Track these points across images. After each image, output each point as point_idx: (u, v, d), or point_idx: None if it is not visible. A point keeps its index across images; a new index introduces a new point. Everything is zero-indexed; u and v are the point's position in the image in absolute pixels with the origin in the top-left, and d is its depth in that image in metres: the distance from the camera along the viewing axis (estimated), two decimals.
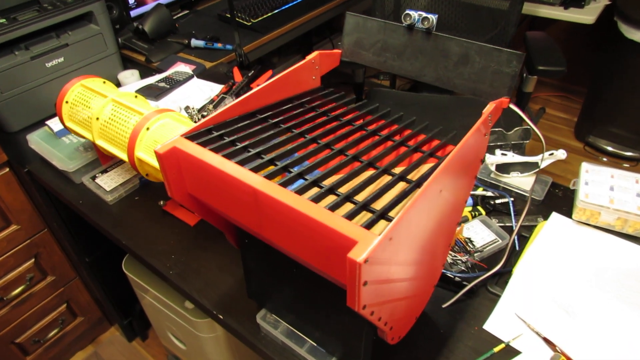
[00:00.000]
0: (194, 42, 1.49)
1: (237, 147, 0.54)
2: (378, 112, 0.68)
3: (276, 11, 1.67)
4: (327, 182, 0.50)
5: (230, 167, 0.48)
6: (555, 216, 0.88)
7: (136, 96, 0.89)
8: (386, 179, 0.54)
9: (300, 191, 0.48)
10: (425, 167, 0.63)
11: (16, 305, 1.28)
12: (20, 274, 1.25)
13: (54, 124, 1.09)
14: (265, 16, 1.63)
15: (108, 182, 0.99)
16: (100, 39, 1.30)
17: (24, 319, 1.31)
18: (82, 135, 0.91)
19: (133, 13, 1.59)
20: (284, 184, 0.47)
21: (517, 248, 0.84)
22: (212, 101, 1.22)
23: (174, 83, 1.30)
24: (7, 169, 1.14)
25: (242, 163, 0.50)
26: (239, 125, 0.59)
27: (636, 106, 2.09)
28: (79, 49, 1.26)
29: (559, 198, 0.94)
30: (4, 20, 1.14)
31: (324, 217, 0.42)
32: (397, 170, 0.54)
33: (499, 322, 0.73)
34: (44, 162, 1.09)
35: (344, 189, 0.49)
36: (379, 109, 0.70)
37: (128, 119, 0.81)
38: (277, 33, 1.59)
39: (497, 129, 1.00)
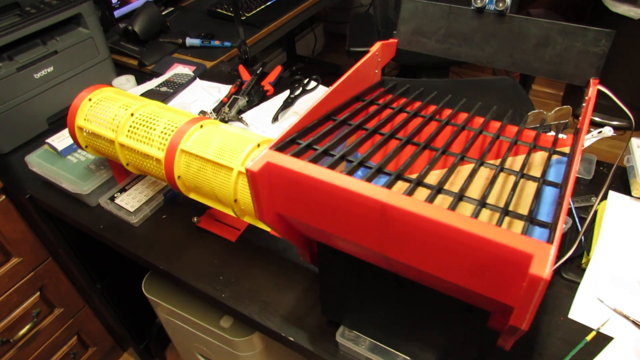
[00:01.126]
0: (189, 41, 1.39)
1: (335, 157, 0.47)
2: (443, 101, 0.62)
3: (269, 3, 1.58)
4: (452, 188, 0.44)
5: (346, 181, 0.41)
6: (613, 195, 0.85)
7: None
8: (508, 178, 0.49)
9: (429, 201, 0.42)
10: (519, 159, 0.58)
11: (23, 345, 1.16)
12: (25, 311, 1.14)
13: (57, 141, 0.98)
14: (259, 9, 1.55)
15: (130, 202, 0.90)
16: (91, 43, 1.19)
17: (32, 359, 1.20)
18: (96, 136, 0.81)
19: (117, 13, 1.47)
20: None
21: (580, 230, 0.81)
22: (222, 103, 1.14)
23: (176, 86, 1.20)
24: (4, 197, 1.03)
25: (349, 174, 0.44)
26: (323, 131, 0.52)
27: (621, 78, 2.11)
28: (69, 56, 1.15)
29: (606, 175, 0.92)
30: None
31: (487, 231, 0.36)
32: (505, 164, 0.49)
33: (584, 309, 0.69)
34: (48, 186, 0.98)
35: (472, 193, 0.44)
36: (441, 97, 0.64)
37: (171, 121, 0.72)
38: (275, 25, 1.50)
39: (537, 110, 0.96)
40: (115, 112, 0.76)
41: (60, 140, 0.98)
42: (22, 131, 1.12)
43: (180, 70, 1.28)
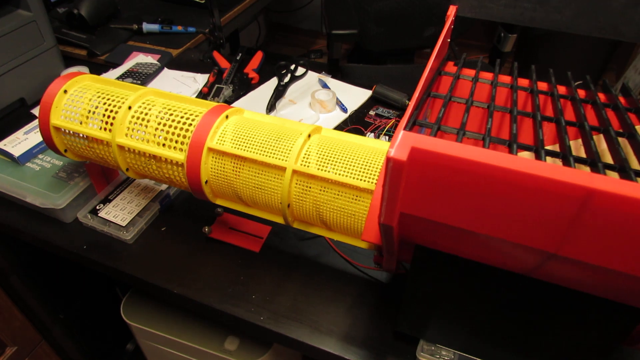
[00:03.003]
0: (147, 27, 1.21)
1: (478, 138, 0.37)
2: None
3: None
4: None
5: (537, 166, 0.32)
6: None
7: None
8: None
9: None
10: None
11: None
12: None
13: (11, 146, 0.79)
14: None
15: (119, 214, 0.73)
16: (35, 28, 0.98)
17: None
18: (81, 139, 0.64)
19: None
20: None
21: None
22: (202, 93, 0.99)
23: (143, 77, 1.04)
24: None
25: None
26: (441, 112, 0.42)
27: (566, 55, 2.16)
28: (9, 43, 0.94)
29: None
30: None
31: None
32: None
33: None
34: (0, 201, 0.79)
35: None
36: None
37: (187, 112, 0.58)
38: (239, 9, 1.36)
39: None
40: (106, 105, 0.59)
41: (15, 144, 0.79)
42: None
43: (142, 59, 1.11)
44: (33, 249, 0.91)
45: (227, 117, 0.58)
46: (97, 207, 0.75)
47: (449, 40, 0.56)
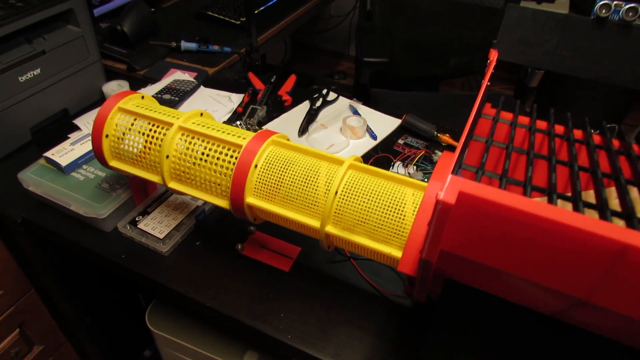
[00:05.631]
0: (185, 45, 1.26)
1: (526, 185, 0.40)
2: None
3: (262, 8, 1.49)
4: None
5: (575, 218, 0.34)
6: None
7: (201, 114, 0.69)
8: None
9: None
10: None
11: None
12: (3, 351, 0.96)
13: (59, 156, 0.83)
14: (257, 11, 1.44)
15: (157, 227, 0.77)
16: (82, 43, 1.04)
17: None
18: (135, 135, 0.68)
19: (97, 12, 1.32)
20: None
21: None
22: (237, 113, 1.03)
23: (181, 94, 1.08)
24: None
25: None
26: (485, 158, 0.45)
27: (589, 95, 2.21)
28: (58, 57, 0.99)
29: None
30: None
31: None
32: None
33: None
34: (44, 207, 0.83)
35: None
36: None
37: (218, 155, 0.61)
38: (274, 31, 1.41)
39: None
40: (162, 116, 0.64)
41: (62, 154, 0.84)
42: (2, 142, 0.95)
43: (180, 76, 1.16)
44: (67, 253, 0.95)
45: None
46: (137, 219, 0.78)
47: (488, 83, 0.59)
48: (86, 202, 0.77)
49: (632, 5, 0.55)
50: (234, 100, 1.09)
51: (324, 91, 1.12)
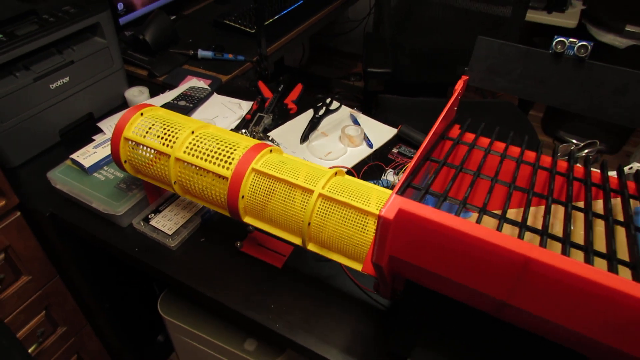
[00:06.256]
0: (201, 53, 1.36)
1: (457, 205, 0.48)
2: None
3: (277, 16, 1.57)
4: (577, 240, 0.46)
5: (490, 235, 0.42)
6: None
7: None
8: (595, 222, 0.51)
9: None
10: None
11: None
12: (31, 331, 1.08)
13: (83, 158, 0.94)
14: (267, 22, 1.53)
15: (167, 224, 0.87)
16: (107, 53, 1.14)
17: None
18: (145, 152, 0.77)
19: (122, 21, 1.42)
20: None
21: None
22: (246, 120, 1.12)
23: (195, 101, 1.17)
24: (19, 213, 0.97)
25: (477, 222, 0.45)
26: (434, 175, 0.52)
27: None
28: (85, 66, 1.10)
29: None
30: (1, 35, 0.96)
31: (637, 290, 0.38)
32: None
33: None
34: (70, 204, 0.93)
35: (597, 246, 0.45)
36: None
37: (211, 187, 0.70)
38: (287, 39, 1.50)
39: (566, 144, 1.00)
40: (172, 128, 0.73)
41: (86, 156, 0.94)
42: (33, 144, 1.06)
43: (196, 83, 1.25)
44: (89, 245, 1.06)
45: (271, 151, 0.70)
46: (149, 216, 0.88)
47: (455, 108, 0.67)
48: (105, 200, 0.87)
49: (584, 43, 0.62)
50: (244, 107, 1.18)
51: (328, 100, 1.19)
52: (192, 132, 0.72)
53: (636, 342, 0.40)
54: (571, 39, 0.63)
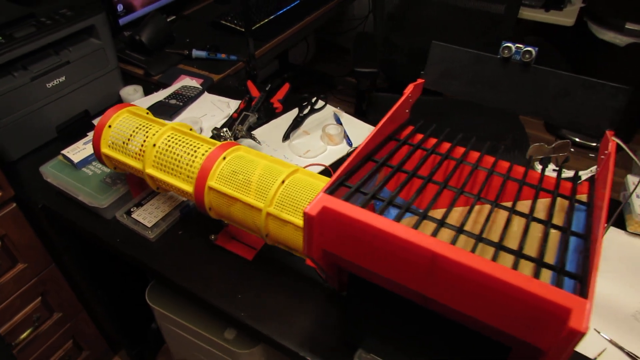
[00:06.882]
0: (195, 53, 1.41)
1: (383, 202, 0.51)
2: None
3: (272, 17, 1.61)
4: (475, 228, 0.49)
5: (402, 231, 0.45)
6: (610, 229, 0.92)
7: (191, 129, 0.83)
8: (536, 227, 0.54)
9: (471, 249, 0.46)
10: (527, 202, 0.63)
11: (22, 348, 1.17)
12: (27, 315, 1.15)
13: (72, 153, 0.99)
14: (262, 22, 1.57)
15: (147, 217, 0.92)
16: (102, 54, 1.19)
17: None
18: (123, 164, 0.82)
19: (122, 21, 1.48)
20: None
21: None
22: (232, 119, 1.16)
23: (186, 99, 1.22)
24: (14, 205, 1.04)
25: (398, 220, 0.48)
26: (368, 174, 0.56)
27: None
28: (81, 65, 1.15)
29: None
30: (0, 38, 1.02)
31: (530, 285, 0.41)
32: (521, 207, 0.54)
33: (582, 340, 0.75)
34: (61, 196, 0.99)
35: (508, 243, 0.48)
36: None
37: (196, 148, 0.75)
38: (280, 39, 1.53)
39: (538, 143, 1.02)
40: (139, 140, 0.78)
41: (75, 152, 0.99)
42: (32, 139, 1.12)
43: (188, 82, 1.30)
44: (79, 236, 1.12)
45: (224, 158, 0.74)
46: (132, 209, 0.93)
47: (407, 110, 0.70)
48: (91, 194, 0.93)
49: (529, 48, 0.64)
50: (232, 106, 1.22)
51: (313, 99, 1.23)
52: (154, 145, 0.77)
53: (528, 328, 0.43)
54: (518, 44, 0.65)
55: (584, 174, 0.93)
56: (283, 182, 0.69)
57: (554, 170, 0.98)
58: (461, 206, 0.62)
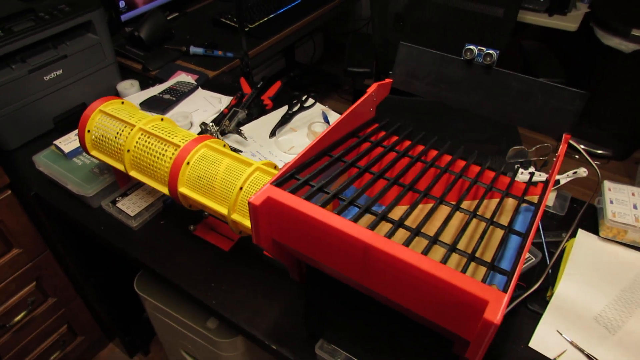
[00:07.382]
0: (193, 50, 1.44)
1: (329, 195, 0.53)
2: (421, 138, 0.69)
3: (272, 15, 1.64)
4: (429, 229, 0.50)
5: (337, 221, 0.47)
6: (582, 233, 0.92)
7: (162, 119, 0.86)
8: (479, 223, 0.55)
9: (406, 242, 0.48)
10: (493, 202, 0.65)
11: (17, 330, 1.22)
12: (21, 299, 1.19)
13: (64, 144, 1.03)
14: (261, 21, 1.60)
15: (130, 207, 0.95)
16: (99, 48, 1.23)
17: (25, 343, 1.25)
18: (109, 164, 0.87)
19: (124, 17, 1.52)
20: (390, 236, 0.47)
21: (548, 264, 0.88)
22: (222, 114, 1.19)
23: (179, 95, 1.25)
24: (9, 192, 1.08)
25: (340, 213, 0.50)
26: (320, 168, 0.58)
27: (610, 109, 2.20)
28: (78, 60, 1.19)
29: (577, 212, 0.99)
30: None
31: (452, 277, 0.42)
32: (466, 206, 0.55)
33: (543, 340, 0.76)
34: (52, 185, 1.03)
35: (446, 236, 0.50)
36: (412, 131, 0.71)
37: (163, 152, 0.78)
38: (277, 38, 1.56)
39: (519, 147, 1.03)
40: (114, 145, 0.83)
41: (67, 142, 1.03)
42: (29, 129, 1.16)
43: (183, 78, 1.33)
44: (73, 224, 1.16)
45: (188, 163, 0.77)
46: (117, 199, 0.97)
47: (371, 109, 0.72)
48: (78, 183, 0.96)
49: (490, 51, 0.66)
50: (223, 102, 1.25)
51: (304, 97, 1.25)
52: (128, 151, 0.81)
53: (452, 319, 0.45)
54: (480, 47, 0.67)
55: (562, 178, 0.93)
56: (241, 188, 0.71)
57: (529, 173, 0.99)
58: (422, 204, 0.64)
